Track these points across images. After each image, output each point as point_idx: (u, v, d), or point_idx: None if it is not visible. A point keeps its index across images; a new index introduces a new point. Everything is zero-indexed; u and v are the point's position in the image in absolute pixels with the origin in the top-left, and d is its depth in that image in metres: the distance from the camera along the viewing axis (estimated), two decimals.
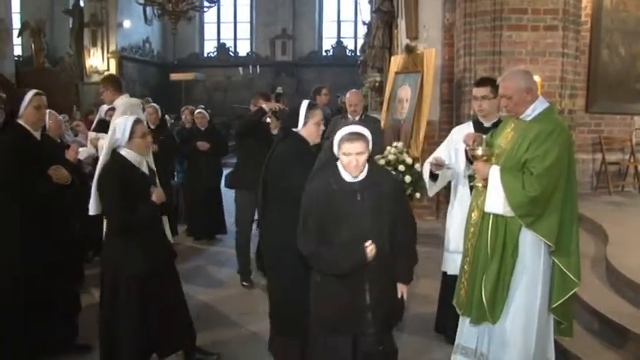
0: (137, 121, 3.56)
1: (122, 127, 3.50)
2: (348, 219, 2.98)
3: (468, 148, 3.47)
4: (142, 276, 3.46)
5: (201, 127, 7.72)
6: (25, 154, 3.86)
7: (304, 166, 3.31)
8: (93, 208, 3.60)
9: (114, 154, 3.51)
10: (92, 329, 3.88)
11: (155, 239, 3.64)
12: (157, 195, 3.54)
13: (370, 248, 2.92)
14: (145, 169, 3.62)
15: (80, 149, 6.46)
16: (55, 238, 3.95)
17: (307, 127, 3.69)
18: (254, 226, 5.93)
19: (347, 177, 3.03)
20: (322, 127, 3.83)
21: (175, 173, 8.36)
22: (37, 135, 4.02)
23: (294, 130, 3.70)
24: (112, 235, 3.54)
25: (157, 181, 3.84)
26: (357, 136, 2.98)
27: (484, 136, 3.55)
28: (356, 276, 2.99)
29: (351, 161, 2.97)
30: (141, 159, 3.58)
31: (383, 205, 3.03)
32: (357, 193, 3.01)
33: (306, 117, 3.69)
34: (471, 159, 3.52)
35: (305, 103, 3.76)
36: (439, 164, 3.96)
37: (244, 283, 5.67)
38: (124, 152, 3.51)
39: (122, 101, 5.21)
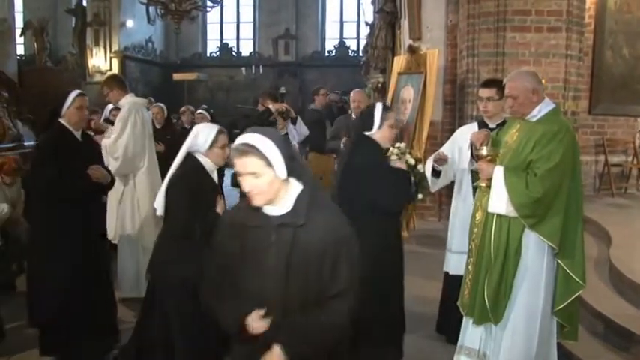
0: (220, 132, 3.49)
1: (205, 134, 3.43)
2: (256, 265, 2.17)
3: (473, 147, 3.47)
4: (194, 281, 3.37)
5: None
6: (66, 154, 3.91)
7: (383, 176, 3.24)
8: (160, 208, 3.49)
9: (190, 158, 3.44)
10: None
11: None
12: (220, 206, 3.45)
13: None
14: (215, 179, 3.57)
15: None
16: (93, 239, 4.04)
17: (382, 131, 3.57)
18: None
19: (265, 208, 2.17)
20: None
21: None
22: (78, 135, 4.07)
23: (366, 134, 3.57)
24: (170, 238, 3.44)
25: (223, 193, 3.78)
26: (246, 149, 2.08)
27: (491, 134, 3.56)
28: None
29: (244, 186, 2.12)
30: (214, 168, 3.52)
31: (308, 263, 2.11)
32: (272, 234, 2.14)
33: (382, 119, 3.57)
34: (475, 158, 3.52)
35: (380, 105, 3.65)
36: (442, 159, 3.97)
37: None
38: (201, 158, 3.44)
39: (127, 100, 5.22)
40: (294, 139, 6.55)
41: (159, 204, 3.48)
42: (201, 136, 3.43)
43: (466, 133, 3.96)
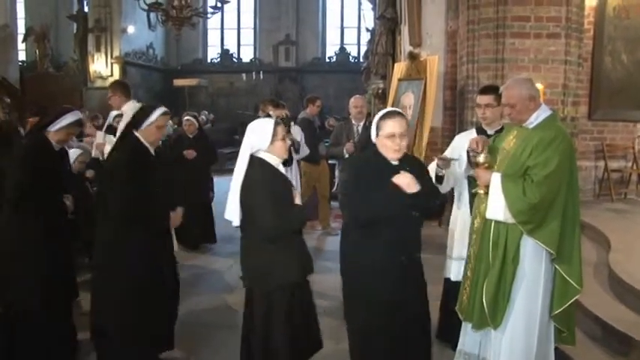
0: (277, 123, 3.38)
1: (261, 130, 3.30)
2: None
3: (471, 153, 3.49)
4: (298, 282, 3.33)
5: (189, 135, 7.43)
6: (142, 171, 3.77)
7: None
8: (237, 219, 3.33)
9: (256, 159, 3.31)
10: None
11: (302, 244, 3.46)
12: (297, 198, 3.38)
13: None
14: (283, 171, 3.44)
15: (71, 150, 6.51)
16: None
17: (379, 140, 3.36)
18: None
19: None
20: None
21: None
22: (152, 151, 3.92)
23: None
24: (262, 244, 3.31)
25: None
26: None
27: (489, 140, 3.58)
28: None
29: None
30: (279, 162, 3.39)
31: None
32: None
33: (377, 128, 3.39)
34: (472, 165, 3.54)
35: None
36: (445, 159, 3.91)
37: None
38: (266, 156, 3.32)
39: (130, 107, 5.26)
40: (299, 136, 6.56)
41: (233, 214, 3.32)
42: (257, 133, 3.31)
43: (464, 139, 3.98)
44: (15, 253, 3.85)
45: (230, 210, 3.32)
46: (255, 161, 3.30)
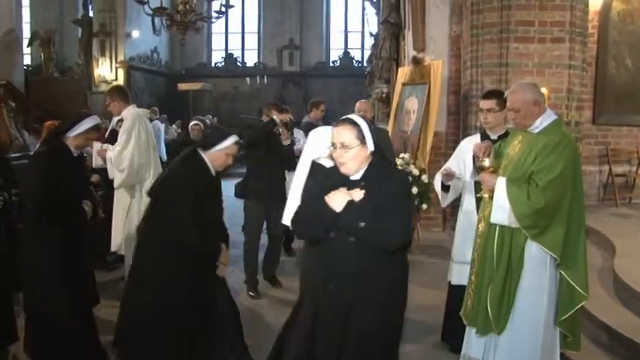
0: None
1: (323, 139, 3.23)
2: None
3: (476, 158, 3.49)
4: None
5: (195, 139, 7.45)
6: (202, 190, 3.53)
7: None
8: None
9: (317, 165, 3.29)
10: None
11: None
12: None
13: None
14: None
15: None
16: None
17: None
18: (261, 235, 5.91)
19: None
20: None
21: None
22: (214, 172, 3.69)
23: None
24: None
25: None
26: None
27: (494, 145, 3.58)
28: None
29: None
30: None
31: None
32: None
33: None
34: (477, 169, 3.54)
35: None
36: (449, 174, 4.00)
37: (251, 294, 5.66)
38: (326, 163, 3.22)
39: (130, 112, 5.29)
40: (299, 142, 6.56)
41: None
42: (321, 141, 3.26)
43: (469, 144, 3.99)
44: (39, 262, 3.77)
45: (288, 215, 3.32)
46: (317, 169, 3.26)
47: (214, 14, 15.58)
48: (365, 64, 18.18)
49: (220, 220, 3.76)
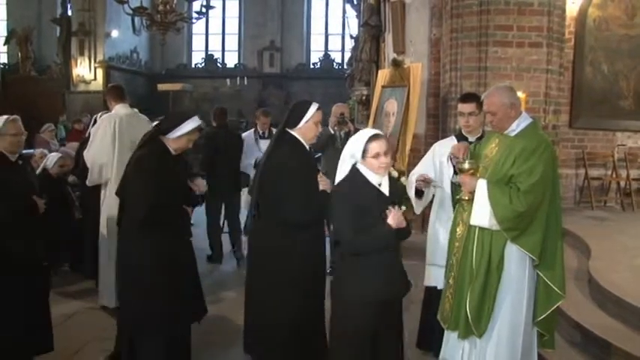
0: (372, 138, 3.14)
1: (357, 146, 3.17)
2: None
3: (455, 160, 3.51)
4: (381, 300, 3.14)
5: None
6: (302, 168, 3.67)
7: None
8: None
9: (355, 170, 3.20)
10: None
11: (390, 267, 3.19)
12: (393, 218, 3.06)
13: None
14: (385, 190, 3.20)
15: (51, 154, 6.48)
16: None
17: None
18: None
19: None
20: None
21: None
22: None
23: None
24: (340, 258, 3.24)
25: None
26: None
27: (470, 146, 3.60)
28: None
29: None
30: (380, 178, 3.19)
31: None
32: None
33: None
34: (457, 171, 3.55)
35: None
36: (426, 180, 3.93)
37: None
38: (362, 169, 3.18)
39: (109, 112, 5.28)
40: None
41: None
42: (356, 148, 3.19)
43: (445, 146, 4.00)
44: (145, 273, 3.66)
45: None
46: (354, 172, 3.23)
47: (195, 15, 15.49)
48: (345, 67, 18.22)
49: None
